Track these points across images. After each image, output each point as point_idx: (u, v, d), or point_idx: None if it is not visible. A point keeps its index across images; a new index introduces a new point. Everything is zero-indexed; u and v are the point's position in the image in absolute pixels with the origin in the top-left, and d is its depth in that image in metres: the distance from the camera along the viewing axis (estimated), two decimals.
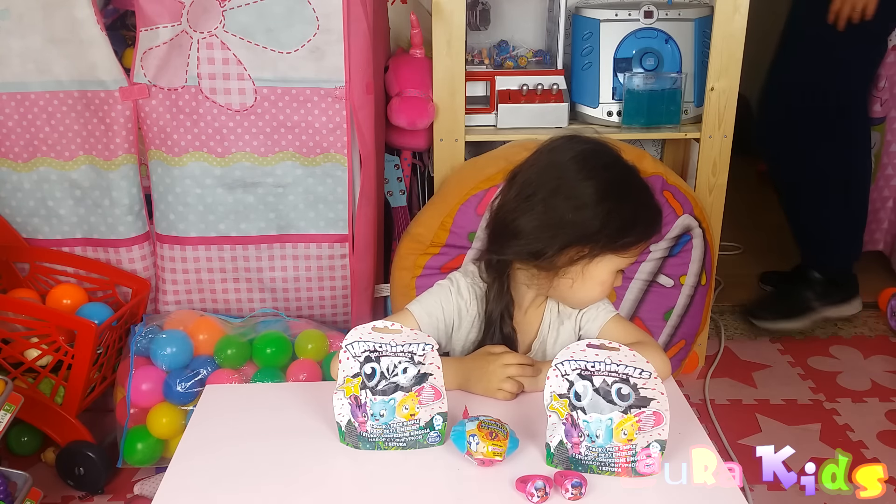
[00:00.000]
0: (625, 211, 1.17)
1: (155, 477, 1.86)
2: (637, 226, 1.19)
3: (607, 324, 1.26)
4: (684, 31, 2.13)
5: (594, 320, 1.27)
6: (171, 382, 1.79)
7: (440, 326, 1.26)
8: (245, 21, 1.79)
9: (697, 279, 2.09)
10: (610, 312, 1.28)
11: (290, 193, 1.93)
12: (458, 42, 2.01)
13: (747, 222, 3.31)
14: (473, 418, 1.06)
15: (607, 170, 1.20)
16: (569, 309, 1.29)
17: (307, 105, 1.86)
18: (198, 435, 1.15)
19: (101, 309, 1.88)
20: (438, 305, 1.26)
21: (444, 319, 1.26)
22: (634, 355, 0.99)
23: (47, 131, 1.89)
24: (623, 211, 1.17)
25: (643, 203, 1.22)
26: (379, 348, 1.05)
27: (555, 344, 1.29)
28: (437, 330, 1.25)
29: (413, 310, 1.25)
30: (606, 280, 1.21)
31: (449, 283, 1.29)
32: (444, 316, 1.26)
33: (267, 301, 2.04)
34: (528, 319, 1.29)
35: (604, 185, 1.17)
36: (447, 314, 1.26)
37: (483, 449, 1.02)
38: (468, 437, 1.03)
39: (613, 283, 1.23)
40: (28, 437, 1.94)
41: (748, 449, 2.00)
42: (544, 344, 1.29)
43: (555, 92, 2.13)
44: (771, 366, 2.43)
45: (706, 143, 2.13)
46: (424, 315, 1.25)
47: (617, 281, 1.23)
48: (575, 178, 1.17)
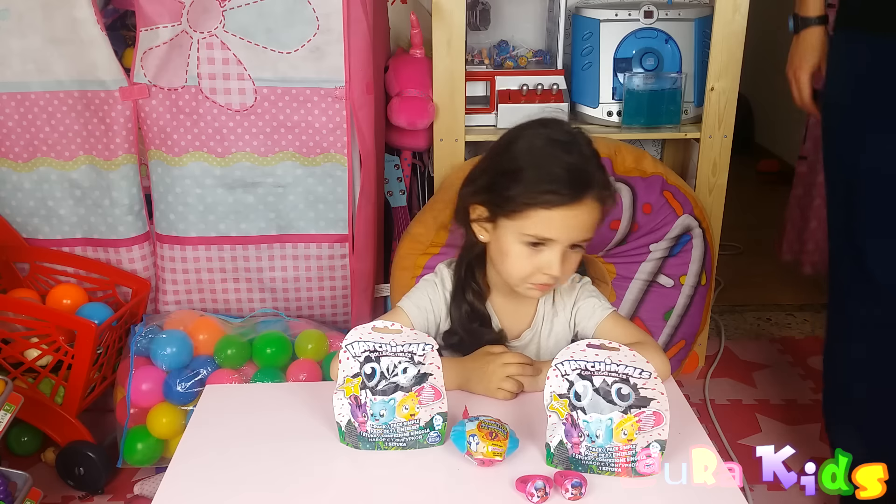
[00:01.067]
0: (517, 174, 1.15)
1: (155, 477, 1.86)
2: (526, 194, 1.14)
3: (604, 322, 1.25)
4: (684, 31, 2.13)
5: (590, 318, 1.26)
6: (171, 382, 1.79)
7: (430, 318, 1.27)
8: (245, 21, 1.79)
9: (697, 279, 2.09)
10: (606, 310, 1.26)
11: (290, 193, 1.93)
12: (458, 42, 2.01)
13: (747, 222, 3.32)
14: (473, 418, 1.06)
15: (525, 135, 1.20)
16: (563, 301, 1.28)
17: (307, 105, 1.86)
18: (198, 435, 1.15)
19: (101, 309, 1.88)
20: (426, 298, 1.28)
21: (432, 310, 1.27)
22: (634, 355, 0.99)
23: (47, 131, 1.89)
24: (515, 174, 1.15)
25: (542, 172, 1.14)
26: (379, 348, 1.05)
27: (549, 336, 1.29)
28: (426, 322, 1.27)
29: (403, 306, 1.27)
30: (512, 252, 1.16)
31: (434, 276, 1.31)
32: (433, 307, 1.27)
33: (267, 301, 2.04)
34: (518, 308, 1.28)
35: (511, 146, 1.19)
36: (435, 305, 1.28)
37: (483, 449, 1.02)
38: (468, 437, 1.03)
39: (542, 267, 1.15)
40: (28, 437, 1.94)
41: (748, 449, 2.00)
42: (538, 335, 1.29)
43: (555, 92, 2.13)
44: (771, 366, 2.43)
45: (706, 143, 2.13)
46: (414, 308, 1.27)
47: (552, 269, 1.15)
48: (502, 140, 1.22)
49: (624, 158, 2.02)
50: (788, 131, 4.13)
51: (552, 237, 1.14)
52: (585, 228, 1.16)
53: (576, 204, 1.13)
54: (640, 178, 2.01)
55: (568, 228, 1.14)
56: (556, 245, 1.15)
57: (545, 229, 1.14)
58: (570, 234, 1.15)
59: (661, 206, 2.03)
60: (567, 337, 1.29)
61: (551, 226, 1.14)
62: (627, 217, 2.01)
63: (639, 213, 2.01)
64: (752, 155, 4.26)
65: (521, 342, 1.29)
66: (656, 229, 2.05)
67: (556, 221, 1.14)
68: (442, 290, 1.28)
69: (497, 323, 1.28)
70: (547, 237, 1.15)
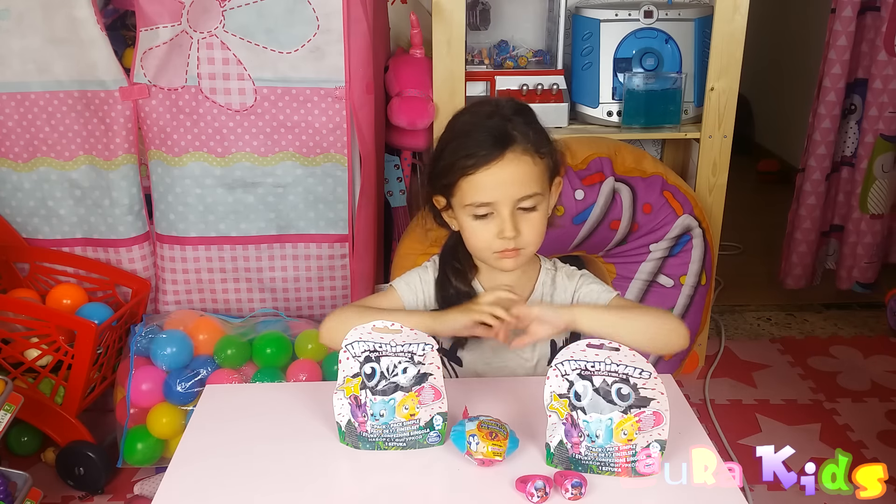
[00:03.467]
0: (442, 153, 1.18)
1: (155, 477, 1.86)
2: (450, 167, 1.15)
3: (611, 304, 1.24)
4: (684, 31, 2.13)
5: (597, 301, 1.24)
6: (171, 382, 1.79)
7: (419, 296, 1.28)
8: (245, 21, 1.79)
9: (697, 279, 2.09)
10: (610, 293, 1.25)
11: (290, 193, 1.93)
12: (458, 42, 2.01)
13: (747, 222, 3.32)
14: (473, 418, 1.06)
15: (455, 117, 1.22)
16: (563, 284, 1.27)
17: (307, 105, 1.86)
18: (198, 435, 1.15)
19: (101, 309, 1.88)
20: (417, 278, 1.29)
21: (422, 290, 1.28)
22: (634, 355, 0.99)
23: (47, 131, 1.89)
24: (441, 153, 1.18)
25: (459, 142, 1.16)
26: (379, 348, 1.05)
27: None
28: (416, 299, 1.28)
29: (395, 284, 1.29)
30: (467, 228, 1.18)
31: (427, 261, 1.33)
32: (423, 287, 1.28)
33: (267, 301, 2.04)
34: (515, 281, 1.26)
35: (444, 131, 1.21)
36: (425, 286, 1.29)
37: (483, 449, 1.02)
38: (468, 437, 1.03)
39: (497, 233, 1.14)
40: (28, 437, 1.94)
41: (748, 449, 2.00)
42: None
43: (555, 92, 2.13)
44: (771, 366, 2.43)
45: (706, 143, 2.13)
46: (404, 285, 1.28)
47: (505, 231, 1.14)
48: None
49: (624, 158, 2.02)
50: (788, 131, 4.14)
51: (489, 200, 1.14)
52: (521, 183, 1.14)
53: (496, 161, 1.12)
54: (640, 178, 2.01)
55: (500, 186, 1.13)
56: (500, 207, 1.14)
57: (477, 194, 1.14)
58: (506, 192, 1.14)
59: (661, 206, 2.03)
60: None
61: (481, 189, 1.14)
62: (627, 217, 2.01)
63: (639, 213, 2.01)
64: (752, 155, 4.26)
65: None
66: (656, 229, 2.05)
67: (483, 183, 1.13)
68: (433, 272, 1.30)
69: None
70: (484, 201, 1.14)
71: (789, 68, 4.09)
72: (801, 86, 3.70)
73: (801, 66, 3.86)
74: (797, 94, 3.86)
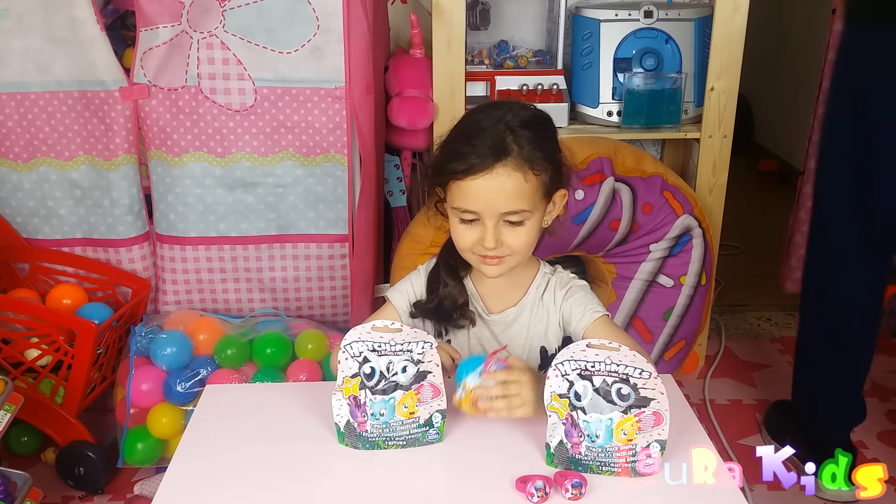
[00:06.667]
0: (441, 150, 1.18)
1: (155, 477, 1.86)
2: (443, 167, 1.14)
3: (592, 325, 1.21)
4: (684, 31, 2.13)
5: (580, 320, 1.23)
6: (171, 382, 1.79)
7: (411, 299, 1.29)
8: (245, 21, 1.79)
9: (697, 279, 2.09)
10: (596, 313, 1.22)
11: (290, 193, 1.93)
12: (458, 42, 2.01)
13: (747, 222, 3.32)
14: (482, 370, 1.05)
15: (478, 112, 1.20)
16: (552, 292, 1.27)
17: (307, 105, 1.86)
18: (198, 435, 1.15)
19: (101, 309, 1.88)
20: (409, 283, 1.30)
21: (413, 292, 1.29)
22: (634, 355, 0.99)
23: (47, 131, 1.89)
24: (441, 150, 1.18)
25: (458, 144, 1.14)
26: (378, 347, 1.05)
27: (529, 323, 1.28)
28: (408, 303, 1.29)
29: (389, 296, 1.30)
30: (453, 228, 1.18)
31: (421, 265, 1.33)
32: (414, 289, 1.29)
33: (267, 301, 2.04)
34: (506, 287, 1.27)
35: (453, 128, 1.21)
36: (416, 287, 1.29)
37: (462, 396, 1.05)
38: (465, 381, 1.05)
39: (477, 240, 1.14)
40: (28, 437, 1.94)
41: (748, 449, 2.00)
42: (524, 315, 1.27)
43: (555, 92, 2.13)
44: (771, 366, 2.43)
45: (706, 143, 2.13)
46: (397, 294, 1.29)
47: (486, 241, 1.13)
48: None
49: (624, 158, 2.02)
50: (788, 131, 4.14)
51: (473, 209, 1.13)
52: (507, 198, 1.12)
53: (486, 172, 1.10)
54: (640, 178, 2.02)
55: (486, 198, 1.12)
56: (484, 217, 1.13)
57: (464, 200, 1.13)
58: (492, 204, 1.12)
59: (661, 206, 2.03)
60: (557, 332, 1.28)
61: (467, 196, 1.13)
62: (627, 217, 2.01)
63: (639, 213, 2.01)
64: (752, 155, 4.26)
65: (503, 318, 1.28)
66: (656, 229, 2.05)
67: (470, 191, 1.12)
68: (424, 272, 1.30)
69: (477, 298, 1.28)
70: (469, 209, 1.13)
71: (789, 68, 4.10)
72: (802, 86, 3.70)
73: (801, 66, 3.86)
74: (797, 94, 3.86)
